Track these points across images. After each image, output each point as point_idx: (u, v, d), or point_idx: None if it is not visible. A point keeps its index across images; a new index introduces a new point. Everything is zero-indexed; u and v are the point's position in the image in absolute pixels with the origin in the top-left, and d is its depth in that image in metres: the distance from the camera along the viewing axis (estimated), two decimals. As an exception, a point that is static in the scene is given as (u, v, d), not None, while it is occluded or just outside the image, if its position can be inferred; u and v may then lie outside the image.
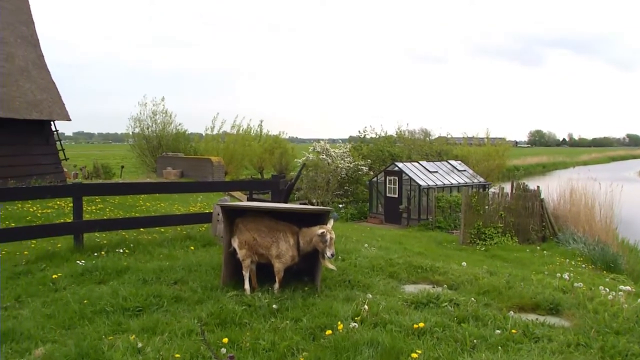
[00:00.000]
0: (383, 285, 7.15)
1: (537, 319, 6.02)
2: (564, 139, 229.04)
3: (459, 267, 8.86)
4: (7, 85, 17.56)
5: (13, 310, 6.02)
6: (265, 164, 44.47)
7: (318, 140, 35.50)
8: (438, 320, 5.60)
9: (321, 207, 7.63)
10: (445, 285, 7.37)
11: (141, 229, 10.71)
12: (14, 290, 6.73)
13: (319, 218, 6.78)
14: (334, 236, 6.32)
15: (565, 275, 8.29)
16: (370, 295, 6.26)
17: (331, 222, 6.54)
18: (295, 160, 40.44)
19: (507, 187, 19.67)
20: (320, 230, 6.26)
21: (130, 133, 39.47)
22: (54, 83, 20.55)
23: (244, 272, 6.59)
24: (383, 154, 35.21)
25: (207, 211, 11.81)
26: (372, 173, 31.89)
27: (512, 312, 6.01)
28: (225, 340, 4.96)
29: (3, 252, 9.10)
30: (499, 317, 5.88)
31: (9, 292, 6.66)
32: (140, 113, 38.14)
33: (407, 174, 26.13)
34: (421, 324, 5.36)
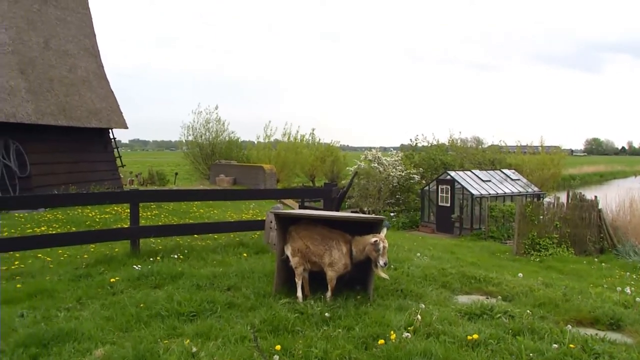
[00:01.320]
0: (436, 295, 7.06)
1: (596, 334, 5.79)
2: (622, 148, 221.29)
3: (513, 278, 8.68)
4: (70, 95, 18.21)
5: (75, 312, 6.21)
6: (317, 171, 44.61)
7: (369, 149, 35.47)
8: (492, 332, 5.48)
9: (374, 216, 7.60)
10: (499, 297, 7.22)
11: (195, 235, 10.91)
12: (75, 292, 6.95)
13: (372, 227, 6.76)
14: (386, 245, 6.28)
15: (627, 290, 8.00)
16: (423, 305, 6.19)
17: (384, 231, 6.51)
18: (347, 168, 40.43)
19: (563, 197, 19.19)
20: (374, 239, 6.23)
21: (184, 141, 40.28)
22: (113, 92, 21.21)
23: (296, 280, 6.61)
24: (435, 163, 34.87)
25: (260, 218, 11.93)
26: (424, 182, 31.64)
27: (569, 326, 5.79)
28: (278, 347, 4.97)
29: (65, 255, 9.42)
30: (556, 330, 5.70)
31: (71, 293, 6.87)
32: (194, 121, 38.93)
33: (459, 183, 25.81)
34: (475, 336, 5.25)
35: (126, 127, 20.94)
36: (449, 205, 26.15)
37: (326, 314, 5.93)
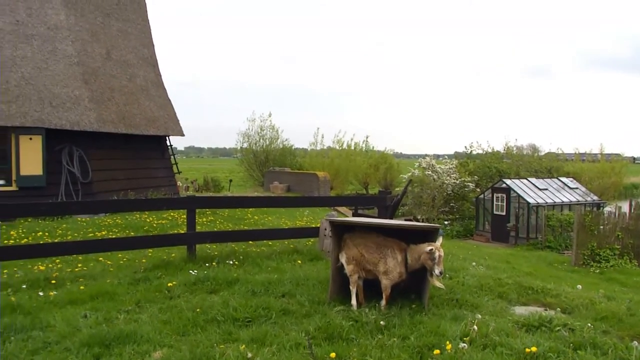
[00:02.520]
0: (492, 306, 6.93)
1: (665, 351, 5.56)
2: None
3: (573, 289, 8.43)
4: (129, 104, 18.73)
5: (134, 314, 6.37)
6: (370, 179, 44.51)
7: (423, 156, 35.21)
8: (552, 345, 5.34)
9: (430, 224, 7.54)
10: (558, 309, 7.03)
11: (250, 242, 11.03)
12: (134, 295, 7.12)
13: (427, 235, 6.71)
14: (442, 254, 6.23)
15: (701, 306, 7.64)
16: (480, 316, 6.09)
17: (440, 240, 6.45)
18: (401, 176, 40.22)
19: (625, 207, 18.56)
20: (429, 248, 6.18)
21: (239, 148, 40.85)
22: (170, 100, 21.72)
23: (351, 288, 6.62)
24: (490, 171, 34.33)
25: (314, 225, 11.98)
26: (478, 190, 31.18)
27: (635, 342, 5.50)
28: (333, 355, 4.98)
29: (124, 259, 9.68)
30: (620, 346, 5.47)
31: (130, 297, 7.05)
32: (249, 128, 39.43)
33: (515, 191, 25.34)
34: (533, 348, 5.12)
35: (182, 135, 21.39)
36: (504, 213, 25.70)
37: (381, 323, 5.91)
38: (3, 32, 16.51)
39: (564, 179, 28.47)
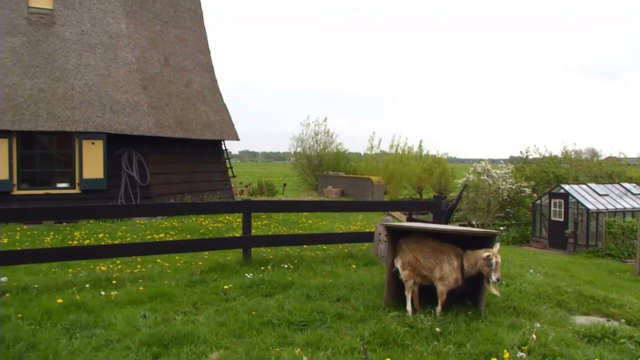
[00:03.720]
0: (550, 315, 6.77)
1: None
2: None
3: (638, 300, 8.16)
4: (186, 109, 19.12)
5: (191, 315, 6.50)
6: (424, 184, 44.12)
7: (478, 161, 34.70)
8: (616, 358, 5.17)
9: (487, 230, 7.43)
10: (622, 320, 6.78)
11: (305, 246, 11.09)
12: (191, 297, 7.26)
13: (484, 241, 6.62)
14: (499, 260, 6.12)
15: None
16: (539, 325, 5.95)
17: (497, 246, 6.35)
18: (455, 180, 39.75)
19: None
20: (486, 254, 6.09)
21: (293, 152, 41.10)
22: (225, 105, 22.07)
23: (406, 293, 6.58)
24: (547, 176, 33.55)
25: (368, 230, 11.96)
26: (535, 195, 30.54)
27: None
28: (388, 360, 4.97)
29: (181, 262, 9.87)
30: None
31: (187, 298, 7.19)
32: (303, 133, 39.64)
33: (574, 197, 24.70)
34: (596, 360, 4.99)
35: (238, 139, 21.70)
36: (562, 220, 25.08)
37: (437, 329, 5.85)
38: (70, 42, 17.13)
39: (626, 185, 27.59)
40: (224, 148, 22.41)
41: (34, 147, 16.67)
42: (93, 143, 16.57)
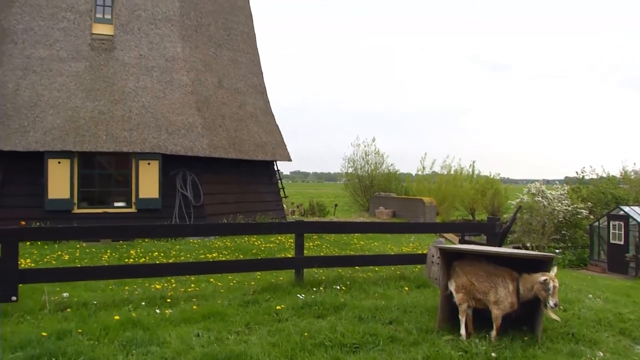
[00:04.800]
0: (613, 343, 6.53)
1: None
2: None
3: None
4: (239, 130, 19.42)
5: (243, 335, 6.54)
6: (477, 205, 43.45)
7: (532, 181, 34.00)
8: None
9: (543, 253, 7.26)
10: (694, 350, 6.50)
11: (357, 267, 11.05)
12: (243, 317, 7.30)
13: (540, 264, 6.47)
14: (557, 284, 5.97)
15: None
16: (601, 353, 5.76)
17: (554, 270, 6.20)
18: (509, 202, 38.98)
19: None
20: (543, 278, 5.95)
21: (344, 173, 41.16)
22: (278, 126, 22.33)
23: (460, 317, 6.47)
24: (605, 197, 32.53)
25: (420, 252, 11.84)
26: (592, 217, 29.65)
27: None
28: (442, 385, 4.89)
29: (234, 281, 9.95)
30: None
31: (240, 318, 7.23)
32: (354, 154, 39.70)
33: (635, 219, 23.87)
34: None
35: (290, 160, 21.90)
36: (622, 243, 24.25)
37: (492, 354, 5.74)
38: (128, 66, 17.70)
39: (691, 207, 26.51)
40: (276, 168, 22.63)
41: (94, 167, 17.21)
42: (149, 163, 16.99)
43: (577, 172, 38.31)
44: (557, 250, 28.24)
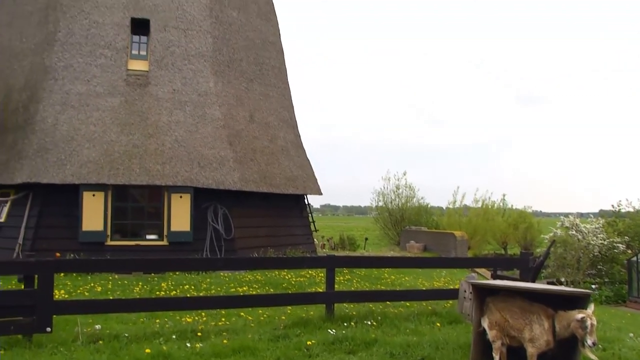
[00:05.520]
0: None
1: None
2: None
3: None
4: (270, 164, 19.58)
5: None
6: (509, 239, 42.83)
7: (565, 215, 33.44)
8: None
9: (580, 290, 7.11)
10: None
11: (387, 302, 10.95)
12: (274, 352, 7.27)
13: (577, 301, 6.33)
14: (595, 322, 5.83)
15: None
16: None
17: (591, 307, 6.06)
18: (542, 236, 38.35)
19: None
20: (580, 315, 5.82)
21: (374, 206, 41.05)
22: (308, 160, 22.46)
23: (494, 354, 6.35)
24: (643, 231, 31.77)
25: (452, 287, 11.71)
26: (630, 252, 28.94)
27: None
28: None
29: (264, 316, 9.93)
30: None
31: (270, 353, 7.20)
32: (384, 187, 39.63)
33: (674, 255, 23.27)
34: None
35: (320, 194, 21.96)
36: (662, 279, 23.60)
37: (527, 394, 5.60)
38: (162, 101, 18.06)
39: None
40: (306, 202, 22.68)
41: (127, 199, 17.45)
42: (181, 197, 17.17)
43: (612, 205, 37.51)
44: (593, 286, 27.58)
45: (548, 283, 24.18)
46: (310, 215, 23.24)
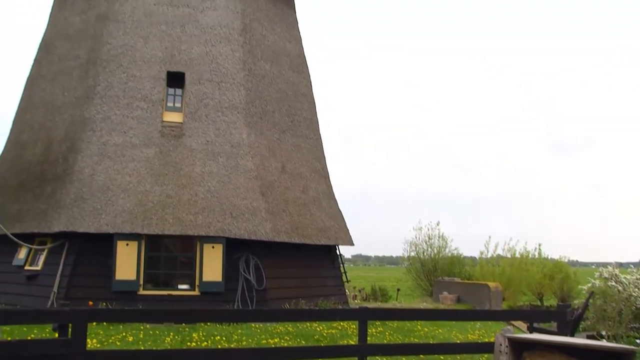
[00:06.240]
0: None
1: None
2: None
3: None
4: (302, 214, 19.64)
5: None
6: (545, 290, 41.72)
7: (604, 265, 32.59)
8: None
9: (624, 346, 6.86)
10: None
11: (421, 355, 10.74)
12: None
13: (621, 358, 6.12)
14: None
15: None
16: None
17: (636, 364, 5.84)
18: (580, 287, 37.34)
19: None
20: (623, 373, 5.62)
21: (406, 256, 40.61)
22: (340, 211, 22.48)
23: (532, 412, 6.14)
24: (690, 282, 30.73)
25: (487, 340, 11.44)
26: (675, 304, 27.98)
27: None
28: None
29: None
30: None
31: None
32: (416, 237, 39.25)
33: None
34: None
35: (352, 244, 21.88)
36: None
37: None
38: (196, 152, 18.38)
39: None
40: (338, 252, 22.59)
41: (160, 249, 17.60)
42: (213, 247, 17.26)
43: (654, 256, 36.60)
44: (638, 340, 26.64)
45: (587, 337, 23.42)
46: (341, 265, 23.10)
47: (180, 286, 17.50)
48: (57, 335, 7.95)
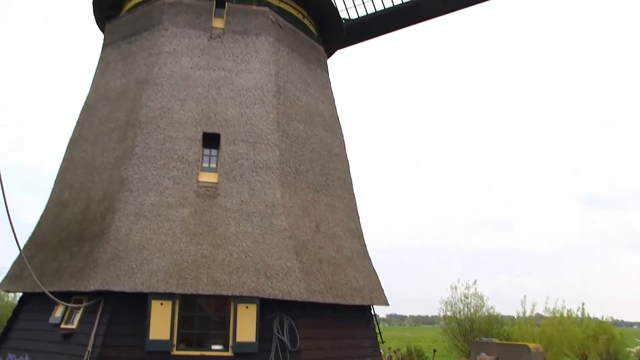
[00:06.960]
0: None
1: None
2: None
3: None
4: (336, 274, 19.53)
5: None
6: (589, 351, 40.20)
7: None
8: None
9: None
10: None
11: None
12: None
13: None
14: None
15: None
16: None
17: None
18: (627, 349, 36.03)
19: None
20: None
21: (441, 316, 39.79)
22: (374, 270, 22.28)
23: None
24: None
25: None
26: None
27: None
28: None
29: None
30: None
31: None
32: (452, 296, 38.56)
33: None
34: None
35: (387, 304, 21.58)
36: None
37: None
38: (230, 212, 18.54)
39: None
40: (373, 312, 22.30)
41: (194, 309, 17.57)
42: (247, 307, 17.18)
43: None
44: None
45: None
46: (376, 325, 22.75)
47: (214, 346, 17.35)
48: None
